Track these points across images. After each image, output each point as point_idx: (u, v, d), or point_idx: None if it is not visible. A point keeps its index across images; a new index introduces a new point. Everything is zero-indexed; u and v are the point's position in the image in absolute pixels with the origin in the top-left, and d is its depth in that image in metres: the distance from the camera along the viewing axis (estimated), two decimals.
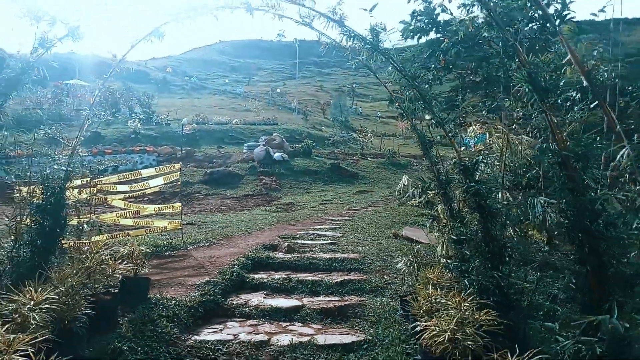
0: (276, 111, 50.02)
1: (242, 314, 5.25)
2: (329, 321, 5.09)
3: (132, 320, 4.43)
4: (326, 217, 12.63)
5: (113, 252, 5.00)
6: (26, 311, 3.18)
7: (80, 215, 6.45)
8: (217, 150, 26.81)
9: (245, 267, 6.57)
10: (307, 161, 25.30)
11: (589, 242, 2.63)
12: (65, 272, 3.99)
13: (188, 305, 4.99)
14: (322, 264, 6.87)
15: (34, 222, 4.67)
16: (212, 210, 16.27)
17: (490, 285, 3.76)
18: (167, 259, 7.14)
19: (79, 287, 3.95)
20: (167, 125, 32.82)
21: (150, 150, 24.22)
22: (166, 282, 5.79)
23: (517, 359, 2.77)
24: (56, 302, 3.40)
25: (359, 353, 4.25)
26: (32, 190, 4.80)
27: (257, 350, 4.30)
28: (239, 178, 22.02)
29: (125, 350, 3.92)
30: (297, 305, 5.40)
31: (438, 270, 4.39)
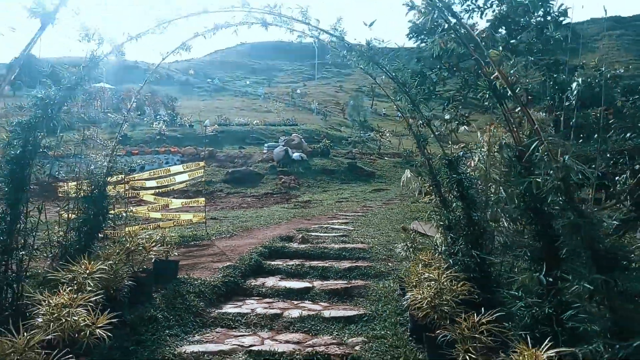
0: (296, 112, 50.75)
1: (259, 294, 5.93)
2: (336, 300, 5.72)
3: (164, 294, 5.15)
4: (340, 213, 13.25)
5: (148, 237, 5.74)
6: (82, 279, 3.91)
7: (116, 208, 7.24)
8: (238, 151, 27.68)
9: (262, 254, 7.24)
10: (325, 161, 25.93)
11: (540, 221, 3.18)
12: (110, 251, 4.74)
13: (212, 284, 5.70)
14: (333, 253, 7.50)
15: (80, 211, 5.44)
16: (234, 207, 17.06)
17: (471, 263, 4.35)
18: (192, 247, 7.88)
19: (120, 264, 4.68)
20: (190, 126, 33.87)
21: (174, 151, 25.23)
22: (192, 266, 6.52)
23: (480, 317, 3.36)
24: (104, 273, 4.13)
25: (359, 324, 4.87)
26: (79, 185, 5.57)
27: (271, 321, 4.97)
28: (259, 177, 22.79)
29: (159, 318, 4.64)
30: (308, 286, 6.05)
31: (430, 253, 4.99)
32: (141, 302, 4.84)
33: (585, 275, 2.52)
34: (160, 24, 4.53)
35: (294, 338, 4.53)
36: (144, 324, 4.45)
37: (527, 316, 3.35)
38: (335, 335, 4.63)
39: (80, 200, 5.45)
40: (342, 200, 17.80)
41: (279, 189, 21.41)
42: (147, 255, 5.35)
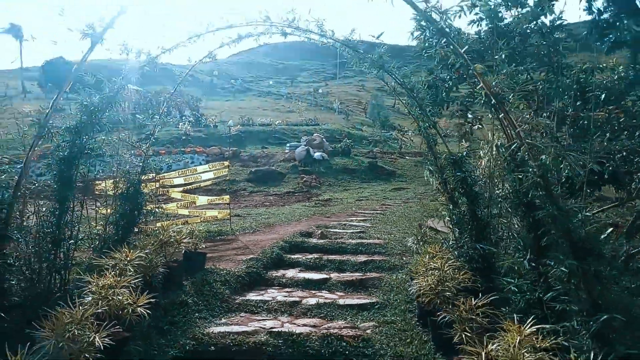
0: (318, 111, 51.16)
1: (279, 284, 6.38)
2: (351, 290, 6.12)
3: (194, 282, 5.65)
4: (360, 211, 13.62)
5: (178, 230, 6.26)
6: (123, 265, 4.42)
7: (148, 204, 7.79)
8: (261, 150, 28.29)
9: (283, 249, 7.69)
10: (346, 160, 26.30)
11: (530, 214, 3.51)
12: (145, 242, 5.25)
13: (236, 274, 6.18)
14: (350, 248, 7.89)
15: (118, 206, 5.98)
16: (257, 205, 17.61)
17: (475, 255, 4.69)
18: (218, 242, 8.39)
19: (155, 254, 5.18)
20: (214, 127, 34.70)
21: (199, 151, 26.00)
22: (218, 258, 7.01)
23: (477, 301, 3.72)
24: (142, 261, 4.63)
25: (372, 311, 5.26)
26: (115, 183, 6.12)
27: (290, 308, 5.41)
28: (281, 176, 23.33)
29: (189, 302, 5.13)
30: (325, 278, 6.47)
31: (438, 246, 5.34)
32: (173, 288, 5.35)
33: (563, 261, 2.86)
34: (191, 37, 5.01)
35: (311, 322, 4.96)
36: (176, 308, 4.96)
37: (521, 301, 3.70)
38: (349, 320, 5.04)
39: (118, 197, 5.99)
40: (362, 199, 18.16)
41: (301, 188, 21.89)
42: (178, 247, 5.86)
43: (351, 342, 4.41)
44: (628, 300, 2.85)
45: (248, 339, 4.45)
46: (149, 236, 5.82)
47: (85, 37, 4.13)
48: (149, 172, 6.76)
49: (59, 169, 4.93)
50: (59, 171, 4.93)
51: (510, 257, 3.93)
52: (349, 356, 4.23)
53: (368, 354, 4.26)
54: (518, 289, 3.73)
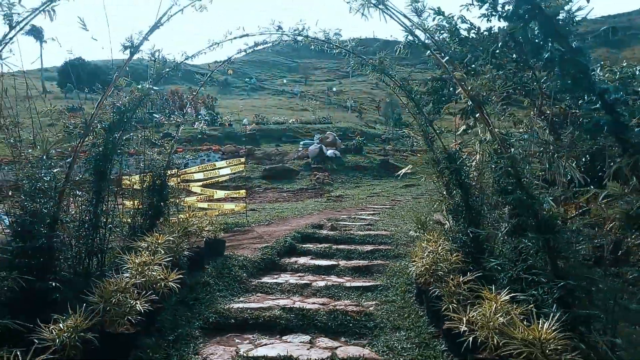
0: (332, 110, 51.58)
1: (292, 269, 6.94)
2: (357, 275, 6.66)
3: (214, 266, 6.24)
4: (370, 206, 14.14)
5: (199, 220, 6.87)
6: (154, 247, 5.03)
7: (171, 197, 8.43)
8: (275, 148, 28.92)
9: (295, 238, 8.25)
10: (358, 157, 26.78)
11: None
12: (172, 228, 5.86)
13: (253, 260, 6.76)
14: (358, 238, 8.42)
15: (145, 198, 6.61)
16: (271, 201, 18.22)
17: (467, 240, 5.18)
18: (235, 232, 9.00)
19: (180, 239, 5.79)
20: (229, 126, 35.42)
21: (215, 149, 26.72)
22: (236, 246, 7.61)
23: (464, 278, 4.23)
24: (170, 244, 5.24)
25: (375, 292, 5.80)
26: (143, 177, 6.74)
27: (301, 289, 5.97)
28: (294, 173, 23.92)
29: (211, 283, 5.73)
30: (334, 264, 7.02)
31: (436, 234, 5.85)
32: (196, 270, 5.95)
33: (531, 238, 3.35)
34: (211, 45, 5.59)
35: (320, 301, 5.51)
36: (199, 287, 5.56)
37: (504, 278, 4.19)
38: (354, 300, 5.58)
39: (145, 190, 6.62)
40: (374, 195, 18.65)
41: (313, 185, 22.45)
42: (200, 234, 6.47)
43: (355, 316, 4.95)
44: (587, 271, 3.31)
45: (264, 313, 5.02)
46: (173, 225, 6.43)
47: (125, 50, 4.74)
48: (173, 167, 7.38)
49: (95, 164, 5.53)
50: (94, 166, 5.53)
51: (495, 240, 4.43)
52: (352, 328, 4.78)
53: (370, 326, 4.80)
54: (501, 267, 4.23)
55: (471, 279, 4.25)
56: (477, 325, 3.50)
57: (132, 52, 4.79)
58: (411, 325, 4.70)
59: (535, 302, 3.54)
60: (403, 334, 4.55)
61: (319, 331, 4.76)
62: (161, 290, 4.38)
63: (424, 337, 4.40)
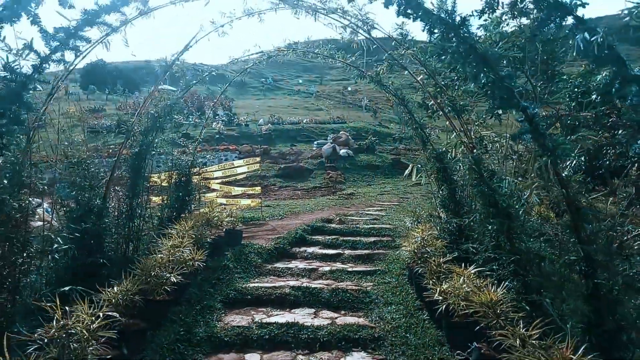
0: (347, 109, 52.15)
1: (302, 257, 7.76)
2: (360, 262, 7.45)
3: (233, 252, 7.10)
4: (378, 203, 14.89)
5: (219, 212, 7.74)
6: (182, 233, 5.90)
7: None
8: (290, 148, 29.80)
9: (306, 231, 9.06)
10: (370, 157, 27.49)
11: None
12: (196, 219, 6.73)
13: (267, 248, 7.60)
14: (363, 231, 9.20)
15: (172, 193, 7.49)
16: (285, 198, 19.06)
17: (452, 228, 5.93)
18: (251, 225, 9.85)
19: (204, 228, 6.65)
20: (246, 126, 36.42)
21: (233, 149, 27.71)
22: (251, 236, 8.46)
23: (444, 259, 5.00)
24: (195, 231, 6.10)
25: (374, 275, 6.59)
26: (170, 174, 7.62)
27: (309, 273, 6.79)
28: (308, 172, 24.75)
29: (230, 266, 6.58)
30: (339, 253, 7.81)
31: (428, 224, 6.60)
32: (217, 255, 6.81)
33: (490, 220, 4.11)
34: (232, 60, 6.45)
35: (325, 282, 6.32)
36: (220, 269, 6.41)
37: (479, 259, 4.94)
38: (355, 281, 6.38)
39: (172, 186, 7.51)
40: (384, 194, 19.36)
41: (326, 183, 23.24)
42: (220, 225, 7.33)
43: (354, 294, 5.75)
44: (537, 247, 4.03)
45: (275, 291, 5.85)
46: (197, 217, 7.30)
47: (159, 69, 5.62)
48: (196, 166, 8.27)
49: (132, 162, 6.42)
50: (131, 164, 6.42)
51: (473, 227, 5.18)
52: (351, 303, 5.57)
53: (366, 301, 5.59)
54: (476, 250, 4.99)
55: (449, 259, 5.01)
56: (449, 294, 4.27)
57: (165, 71, 5.66)
58: (401, 300, 5.48)
59: (498, 276, 4.30)
60: (393, 307, 5.33)
61: (322, 305, 5.57)
62: (189, 269, 5.24)
63: (410, 309, 5.19)
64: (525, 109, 2.96)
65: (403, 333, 4.67)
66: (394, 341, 4.54)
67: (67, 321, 3.04)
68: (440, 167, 5.90)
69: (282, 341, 4.63)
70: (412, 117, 6.02)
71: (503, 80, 2.92)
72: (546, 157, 3.00)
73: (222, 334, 4.65)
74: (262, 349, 4.54)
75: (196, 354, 4.30)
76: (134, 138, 6.05)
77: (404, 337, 4.59)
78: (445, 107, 4.86)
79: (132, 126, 5.78)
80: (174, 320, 4.74)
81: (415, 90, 7.63)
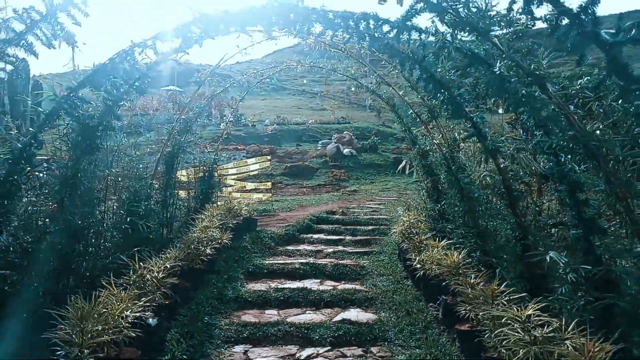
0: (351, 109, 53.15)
1: (309, 242, 8.95)
2: (359, 245, 8.63)
3: (250, 237, 8.31)
4: (379, 197, 16.06)
5: (239, 203, 8.95)
6: (210, 217, 7.11)
7: None
8: (295, 148, 30.99)
9: (312, 220, 10.26)
10: (373, 156, 28.65)
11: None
12: (219, 208, 7.94)
13: (278, 234, 8.80)
14: (363, 220, 10.39)
15: (198, 186, 8.71)
16: (292, 195, 20.28)
17: (434, 213, 7.11)
18: (263, 216, 11.06)
19: (227, 214, 7.86)
20: (252, 126, 37.54)
21: (241, 149, 28.94)
22: (265, 225, 9.66)
23: (424, 237, 6.17)
24: (221, 217, 7.31)
25: (370, 255, 7.78)
26: (196, 170, 8.83)
27: (315, 253, 7.98)
28: (313, 171, 25.94)
29: (249, 247, 7.79)
30: (341, 238, 9.01)
31: (416, 211, 7.78)
32: (237, 239, 8.02)
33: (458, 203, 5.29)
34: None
35: (328, 260, 7.51)
36: (241, 249, 7.62)
37: (455, 237, 6.10)
38: (354, 260, 7.57)
39: (198, 180, 8.72)
40: (385, 190, 20.53)
41: (331, 181, 24.43)
42: (239, 214, 8.54)
43: (353, 268, 6.94)
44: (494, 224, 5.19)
45: (287, 266, 7.04)
46: (219, 207, 8.51)
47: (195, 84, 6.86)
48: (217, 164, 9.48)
49: (166, 160, 7.63)
50: (165, 161, 7.63)
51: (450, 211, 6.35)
52: (350, 275, 6.76)
53: (362, 274, 6.78)
54: (451, 229, 6.16)
55: (429, 236, 6.20)
56: (425, 262, 5.45)
57: (199, 87, 6.90)
58: (391, 272, 6.68)
59: (465, 247, 5.47)
60: (384, 277, 6.52)
61: (326, 277, 6.76)
62: (218, 245, 6.45)
63: (397, 278, 6.38)
64: (471, 118, 4.12)
65: (390, 295, 5.87)
66: (383, 300, 5.73)
67: (142, 271, 4.25)
68: (425, 163, 7.07)
69: (294, 301, 5.82)
70: (401, 120, 7.20)
71: (455, 98, 4.07)
72: (487, 154, 4.16)
73: (246, 296, 5.86)
74: (278, 307, 5.73)
75: (227, 309, 5.51)
76: (172, 139, 7.24)
77: (391, 297, 5.78)
78: (422, 114, 6.04)
79: (173, 129, 6.99)
80: (208, 284, 5.96)
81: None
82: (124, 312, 3.49)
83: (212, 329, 4.89)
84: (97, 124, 4.05)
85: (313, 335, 4.82)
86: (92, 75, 3.68)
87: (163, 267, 4.55)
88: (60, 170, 3.99)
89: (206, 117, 40.00)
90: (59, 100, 3.65)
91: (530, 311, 3.25)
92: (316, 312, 5.56)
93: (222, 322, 5.11)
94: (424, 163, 7.13)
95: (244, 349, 4.62)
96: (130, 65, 3.88)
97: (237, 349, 4.62)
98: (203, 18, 3.57)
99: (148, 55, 3.89)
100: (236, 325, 5.02)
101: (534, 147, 3.45)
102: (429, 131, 6.11)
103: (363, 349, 4.63)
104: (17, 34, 2.94)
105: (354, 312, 5.51)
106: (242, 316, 5.39)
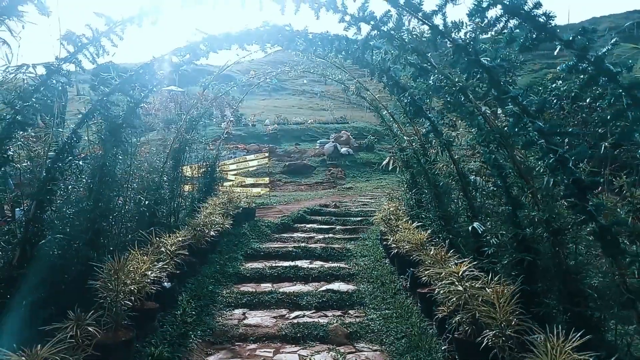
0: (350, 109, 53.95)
1: (302, 230, 9.86)
2: (347, 233, 9.54)
3: (249, 224, 9.23)
4: (372, 193, 16.97)
5: (238, 194, 9.86)
6: (213, 206, 8.02)
7: None
8: (294, 147, 31.89)
9: (306, 212, 11.16)
10: (370, 155, 29.54)
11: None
12: (221, 198, 8.86)
13: (275, 223, 9.71)
14: (353, 212, 11.31)
15: (202, 179, 9.61)
16: (290, 192, 21.17)
17: (412, 202, 8.00)
18: (261, 208, 11.96)
19: (227, 203, 8.77)
20: (252, 126, 38.47)
21: (241, 148, 29.85)
22: (262, 216, 10.57)
23: (400, 222, 7.08)
24: (222, 205, 8.22)
25: (356, 240, 8.70)
26: (200, 166, 9.74)
27: (307, 239, 8.89)
28: (311, 169, 26.83)
29: (247, 234, 8.71)
30: (332, 227, 9.91)
31: (398, 202, 8.68)
32: (237, 226, 8.93)
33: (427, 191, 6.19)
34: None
35: (319, 245, 8.41)
36: (240, 235, 8.54)
37: (426, 220, 6.99)
38: (341, 244, 8.48)
39: (202, 174, 9.63)
40: (379, 187, 21.43)
41: (328, 179, 25.32)
42: (238, 204, 9.45)
43: (340, 251, 7.86)
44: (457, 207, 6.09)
45: (282, 250, 7.95)
46: (221, 197, 9.42)
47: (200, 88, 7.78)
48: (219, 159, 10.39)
49: (173, 156, 8.53)
50: (173, 157, 8.53)
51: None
52: (336, 256, 7.68)
53: (348, 255, 7.70)
54: (425, 215, 7.06)
55: (404, 220, 7.09)
56: (398, 241, 6.35)
57: (204, 89, 7.81)
58: (372, 254, 7.59)
59: (433, 229, 6.37)
60: (366, 258, 7.44)
61: (316, 258, 7.67)
62: (220, 229, 7.36)
63: (377, 258, 7.30)
64: (429, 117, 5.02)
65: (370, 271, 6.79)
66: (363, 275, 6.66)
67: (158, 244, 5.16)
68: (403, 158, 7.97)
69: (286, 277, 6.74)
70: (383, 120, 8.10)
71: (416, 101, 4.96)
72: (442, 147, 5.07)
73: (245, 272, 6.78)
74: (272, 281, 6.64)
75: (228, 282, 6.42)
76: (180, 136, 8.14)
77: (370, 273, 6.70)
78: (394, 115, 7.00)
79: (180, 127, 7.90)
80: (212, 261, 6.88)
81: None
82: (146, 272, 4.40)
83: (215, 296, 5.81)
84: (122, 122, 4.94)
85: (301, 302, 5.75)
86: (120, 83, 4.58)
87: (176, 241, 5.46)
88: (94, 161, 4.87)
89: (208, 116, 41.10)
90: (94, 103, 4.54)
91: (464, 268, 4.16)
92: (305, 285, 6.48)
93: (224, 292, 6.03)
94: (402, 158, 8.02)
95: (243, 312, 5.55)
96: (150, 75, 4.79)
97: (236, 312, 5.54)
98: (209, 38, 4.46)
99: (163, 68, 4.79)
100: (236, 294, 5.94)
101: (471, 140, 4.35)
102: (400, 128, 7.02)
103: (342, 311, 5.55)
104: (70, 53, 3.84)
105: (337, 285, 6.42)
106: (241, 287, 6.31)
